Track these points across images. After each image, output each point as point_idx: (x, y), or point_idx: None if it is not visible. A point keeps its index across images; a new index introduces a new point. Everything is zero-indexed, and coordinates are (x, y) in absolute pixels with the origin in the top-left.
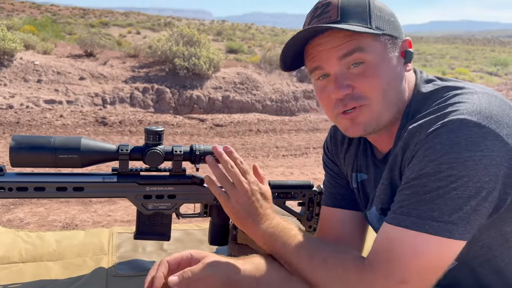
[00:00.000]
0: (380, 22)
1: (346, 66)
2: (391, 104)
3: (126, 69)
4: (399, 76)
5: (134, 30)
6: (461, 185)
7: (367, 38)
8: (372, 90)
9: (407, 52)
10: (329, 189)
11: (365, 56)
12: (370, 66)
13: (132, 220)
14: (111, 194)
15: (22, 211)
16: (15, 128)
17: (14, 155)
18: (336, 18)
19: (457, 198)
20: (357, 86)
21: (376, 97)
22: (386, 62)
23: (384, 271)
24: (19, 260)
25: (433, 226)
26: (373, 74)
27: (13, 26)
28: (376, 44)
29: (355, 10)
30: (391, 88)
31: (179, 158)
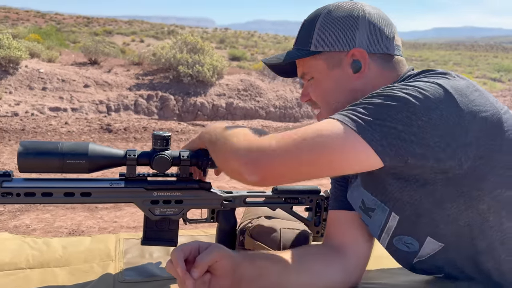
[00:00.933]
0: (320, 42)
1: (307, 81)
2: (336, 111)
3: (130, 76)
4: (341, 87)
5: (138, 38)
6: (397, 108)
7: (308, 60)
8: (318, 100)
9: (354, 62)
10: (334, 192)
11: (311, 75)
12: (316, 81)
13: (138, 226)
14: (118, 200)
15: (29, 217)
16: (20, 135)
17: (22, 161)
18: (294, 44)
19: (386, 113)
20: (311, 95)
21: (321, 105)
22: (326, 77)
23: (282, 132)
24: (26, 266)
25: (352, 119)
26: (316, 88)
27: (18, 35)
28: (317, 62)
29: (303, 34)
30: (332, 98)
31: (186, 163)
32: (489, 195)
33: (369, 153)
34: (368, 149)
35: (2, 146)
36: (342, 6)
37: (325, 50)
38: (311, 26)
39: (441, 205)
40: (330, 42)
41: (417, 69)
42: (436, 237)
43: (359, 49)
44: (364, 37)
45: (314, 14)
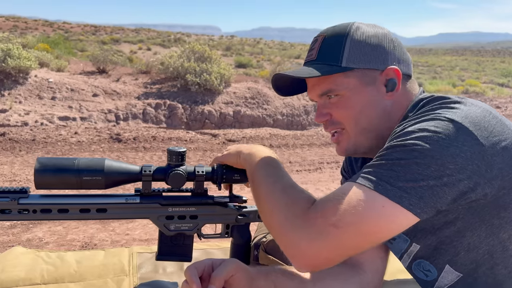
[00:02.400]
0: (353, 58)
1: (326, 98)
2: (365, 130)
3: (138, 85)
4: (374, 105)
5: (145, 46)
6: (424, 163)
7: (338, 77)
8: (345, 119)
9: (389, 81)
10: None
11: (338, 92)
12: (343, 99)
13: (150, 239)
14: (133, 216)
15: (41, 230)
16: (31, 146)
17: (39, 177)
18: (314, 58)
19: (416, 172)
20: (333, 114)
21: (348, 125)
22: (358, 94)
23: (325, 211)
24: (41, 281)
25: (385, 188)
26: (345, 106)
27: (27, 44)
28: (348, 80)
29: (330, 49)
30: (363, 117)
31: (201, 179)
32: (511, 224)
33: (409, 217)
34: (407, 214)
35: (13, 156)
36: (368, 25)
37: (359, 67)
38: (339, 41)
39: (462, 233)
40: (365, 59)
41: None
42: (455, 266)
43: (395, 67)
44: (395, 56)
45: (340, 30)
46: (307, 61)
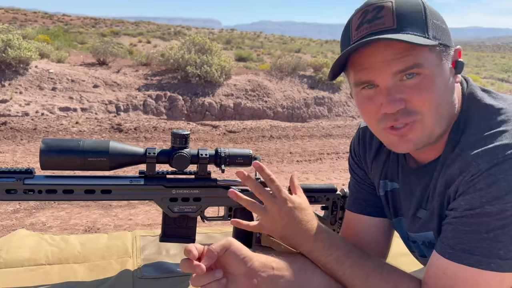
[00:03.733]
0: (436, 30)
1: (400, 78)
2: (443, 118)
3: (139, 77)
4: (451, 89)
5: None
6: None
7: (424, 51)
8: (427, 105)
9: (458, 62)
10: (354, 194)
11: (422, 70)
12: (426, 80)
13: (153, 223)
14: (138, 197)
15: (44, 215)
16: (32, 135)
17: (44, 158)
18: (392, 26)
19: None
20: (411, 100)
21: (429, 112)
22: (440, 74)
23: None
24: (46, 262)
25: (499, 264)
26: (428, 88)
27: (27, 36)
28: (432, 55)
29: (412, 16)
30: (444, 102)
31: (205, 161)
32: None
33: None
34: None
35: (14, 145)
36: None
37: (442, 42)
38: (418, 9)
39: None
40: (443, 33)
41: None
42: None
43: (459, 47)
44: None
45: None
46: (376, 31)
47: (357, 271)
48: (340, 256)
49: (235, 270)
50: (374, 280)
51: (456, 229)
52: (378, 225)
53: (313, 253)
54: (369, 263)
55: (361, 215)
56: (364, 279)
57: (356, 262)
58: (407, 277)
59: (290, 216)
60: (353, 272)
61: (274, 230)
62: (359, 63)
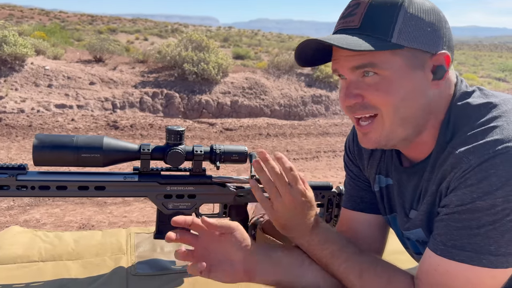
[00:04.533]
0: (405, 35)
1: (360, 75)
2: (404, 121)
3: (135, 74)
4: (419, 93)
5: (142, 37)
6: None
7: (384, 53)
8: (383, 104)
9: (438, 68)
10: (349, 191)
11: (379, 70)
12: (384, 81)
13: (147, 221)
14: (132, 194)
15: (38, 212)
16: (27, 131)
17: (37, 154)
18: (356, 25)
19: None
20: (368, 97)
21: (386, 112)
22: (403, 78)
23: None
24: (39, 259)
25: (491, 260)
26: (385, 89)
27: (23, 32)
28: (395, 58)
29: (379, 19)
30: (405, 105)
31: (200, 158)
32: None
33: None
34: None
35: (9, 142)
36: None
37: (410, 46)
38: (390, 10)
39: None
40: (418, 38)
41: None
42: None
43: (446, 53)
44: (447, 39)
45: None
46: (344, 28)
47: (351, 266)
48: (335, 251)
49: (232, 255)
50: (367, 275)
51: (448, 226)
52: (373, 221)
53: (309, 246)
54: (363, 259)
55: (356, 211)
56: (357, 274)
57: (351, 257)
58: (400, 272)
59: (301, 208)
60: (347, 267)
61: (280, 219)
62: (334, 54)
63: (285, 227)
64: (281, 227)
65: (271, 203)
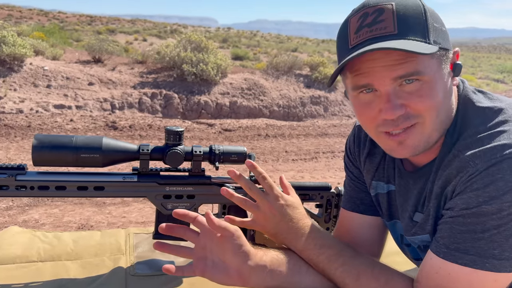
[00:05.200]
0: (437, 34)
1: (399, 83)
2: (441, 123)
3: (134, 75)
4: (450, 92)
5: (141, 37)
6: None
7: (425, 57)
8: (428, 110)
9: (456, 64)
10: (349, 192)
11: (423, 77)
12: (426, 86)
13: (146, 221)
14: (131, 194)
15: (37, 212)
16: (26, 132)
17: (37, 154)
18: (393, 31)
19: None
20: (411, 105)
21: (430, 117)
22: (440, 79)
23: None
24: (38, 259)
25: (494, 264)
26: (429, 94)
27: (22, 33)
28: (433, 61)
29: (413, 20)
30: (444, 106)
31: (199, 159)
32: None
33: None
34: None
35: (8, 142)
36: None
37: (442, 46)
38: (419, 13)
39: None
40: (444, 37)
41: None
42: None
43: (458, 50)
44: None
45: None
46: (376, 36)
47: (348, 270)
48: (331, 255)
49: (227, 260)
50: (364, 278)
51: (452, 229)
52: (372, 223)
53: (304, 251)
54: (360, 262)
55: (355, 213)
56: (355, 278)
57: (347, 262)
58: (398, 275)
59: (281, 213)
60: (344, 271)
61: (266, 227)
62: (358, 68)
63: (276, 235)
64: (272, 236)
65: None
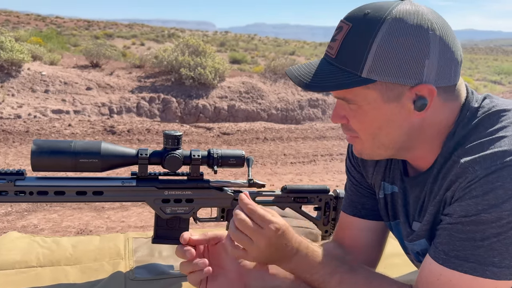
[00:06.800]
0: (377, 68)
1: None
2: (384, 146)
3: (132, 79)
4: (395, 124)
5: (138, 42)
6: None
7: (355, 88)
8: (361, 130)
9: (418, 100)
10: (350, 196)
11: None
12: (360, 111)
13: (145, 226)
14: (130, 198)
15: (36, 217)
16: (24, 137)
17: (36, 160)
18: (333, 55)
19: None
20: (350, 121)
21: (365, 137)
22: (376, 110)
23: None
24: (37, 264)
25: (494, 272)
26: (361, 119)
27: (20, 38)
28: (367, 92)
29: (353, 49)
30: (382, 133)
31: (197, 163)
32: None
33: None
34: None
35: (6, 147)
36: (406, 19)
37: (383, 80)
38: (364, 41)
39: None
40: (391, 72)
41: None
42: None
43: (428, 85)
44: (433, 67)
45: (371, 21)
46: (326, 55)
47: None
48: (325, 274)
49: (226, 265)
50: None
51: (451, 236)
52: (373, 228)
53: (296, 271)
54: (358, 277)
55: (356, 217)
56: None
57: (344, 278)
58: (397, 285)
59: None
60: None
61: (258, 259)
62: None
63: (268, 263)
64: (263, 264)
65: (245, 251)
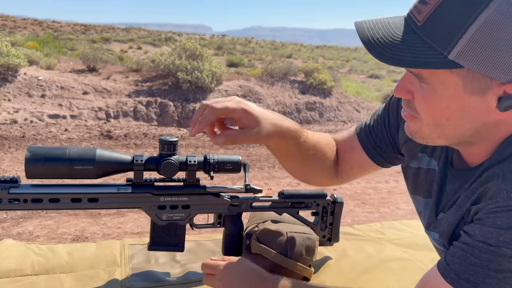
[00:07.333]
0: (469, 53)
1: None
2: (445, 135)
3: (129, 83)
4: (468, 119)
5: (135, 45)
6: None
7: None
8: (426, 113)
9: (505, 99)
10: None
11: (431, 83)
12: (432, 93)
13: (142, 232)
14: (125, 205)
15: (32, 224)
16: (20, 142)
17: (30, 167)
18: (419, 21)
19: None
20: (416, 100)
21: (426, 121)
22: (453, 99)
23: None
24: (32, 272)
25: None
26: (431, 102)
27: (16, 43)
28: (450, 76)
29: (448, 24)
30: (449, 124)
31: (194, 168)
32: None
33: None
34: None
35: (2, 153)
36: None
37: (471, 68)
38: (462, 18)
39: None
40: (484, 62)
41: None
42: None
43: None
44: None
45: (470, 3)
46: (410, 17)
47: None
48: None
49: None
50: None
51: (465, 257)
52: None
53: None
54: None
55: (362, 148)
56: None
57: None
58: None
59: None
60: None
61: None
62: None
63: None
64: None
65: None
